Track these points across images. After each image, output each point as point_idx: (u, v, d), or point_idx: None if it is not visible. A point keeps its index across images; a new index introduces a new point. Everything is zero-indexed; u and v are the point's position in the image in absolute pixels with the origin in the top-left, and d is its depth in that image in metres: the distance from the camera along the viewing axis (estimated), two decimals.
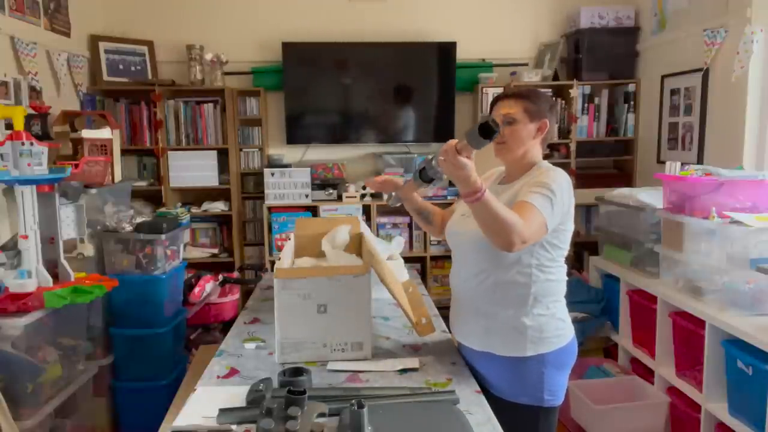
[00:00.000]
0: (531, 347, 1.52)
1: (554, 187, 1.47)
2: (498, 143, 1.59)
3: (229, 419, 1.29)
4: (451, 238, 1.69)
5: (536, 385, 1.53)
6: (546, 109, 1.60)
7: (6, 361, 2.00)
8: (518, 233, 1.35)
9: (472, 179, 1.32)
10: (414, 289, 1.96)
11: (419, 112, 3.85)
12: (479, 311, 1.58)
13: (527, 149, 1.60)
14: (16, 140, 2.08)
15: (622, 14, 3.75)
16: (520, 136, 1.57)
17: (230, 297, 3.28)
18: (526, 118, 1.57)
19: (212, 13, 3.86)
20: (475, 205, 1.35)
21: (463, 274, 1.62)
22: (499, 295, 1.54)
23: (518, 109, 1.56)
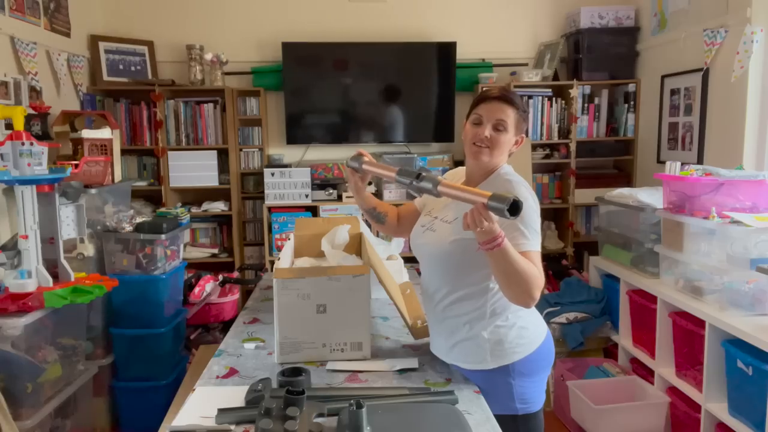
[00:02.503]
0: (492, 360, 1.50)
1: (532, 217, 1.44)
2: (479, 144, 1.51)
3: (227, 419, 1.29)
4: (415, 249, 1.66)
5: (506, 395, 1.50)
6: (526, 124, 1.57)
7: (6, 361, 2.00)
8: (536, 289, 1.33)
9: (494, 228, 1.27)
10: (411, 290, 1.96)
11: (419, 112, 3.85)
12: (442, 324, 1.58)
13: (503, 157, 1.56)
14: (16, 140, 2.08)
15: (622, 14, 3.75)
16: (503, 145, 1.51)
17: (230, 297, 3.28)
18: (514, 129, 1.52)
19: (212, 13, 3.86)
20: (494, 253, 1.29)
21: (428, 286, 1.62)
22: (457, 309, 1.52)
23: (511, 117, 1.51)
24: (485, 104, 1.52)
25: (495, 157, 1.52)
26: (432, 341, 1.67)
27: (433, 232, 1.57)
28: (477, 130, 1.51)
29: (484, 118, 1.51)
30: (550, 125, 3.80)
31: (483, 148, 1.50)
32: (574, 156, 3.76)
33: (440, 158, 3.78)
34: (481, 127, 1.51)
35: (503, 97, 1.51)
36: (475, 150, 1.52)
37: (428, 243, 1.57)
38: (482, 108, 1.53)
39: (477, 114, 1.53)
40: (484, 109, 1.52)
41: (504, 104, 1.51)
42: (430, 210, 1.66)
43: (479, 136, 1.50)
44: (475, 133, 1.51)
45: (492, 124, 1.50)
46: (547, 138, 3.81)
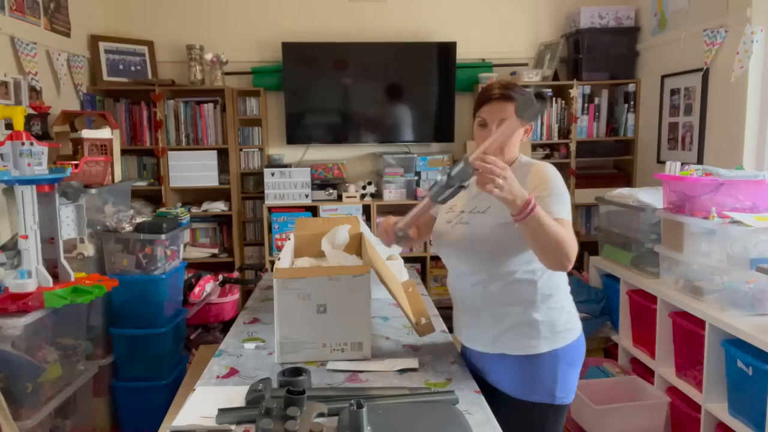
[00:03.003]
0: (544, 343, 1.52)
1: (560, 189, 1.49)
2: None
3: (228, 419, 1.29)
4: (443, 247, 1.65)
5: (550, 382, 1.53)
6: None
7: (6, 361, 2.00)
8: (573, 252, 1.37)
9: (519, 189, 1.31)
10: (414, 289, 1.96)
11: (419, 112, 3.85)
12: (488, 314, 1.56)
13: (516, 149, 1.61)
14: (16, 140, 2.08)
15: (622, 14, 3.75)
16: (512, 140, 1.55)
17: (230, 297, 3.28)
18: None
19: (212, 13, 3.86)
20: (530, 220, 1.32)
21: (464, 280, 1.60)
22: (506, 295, 1.53)
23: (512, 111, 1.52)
24: (487, 106, 1.55)
25: (507, 154, 1.56)
26: (467, 334, 1.65)
27: (468, 225, 1.56)
28: (484, 133, 1.54)
29: (488, 120, 1.54)
30: (550, 125, 3.81)
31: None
32: (574, 156, 3.76)
33: (440, 158, 3.78)
34: (487, 129, 1.54)
35: (502, 96, 1.53)
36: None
37: (465, 236, 1.56)
38: (485, 110, 1.56)
39: (481, 117, 1.56)
40: (486, 111, 1.55)
41: (504, 102, 1.52)
42: (451, 206, 1.65)
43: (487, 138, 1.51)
44: (483, 135, 1.54)
45: (497, 125, 1.52)
46: (547, 138, 3.81)
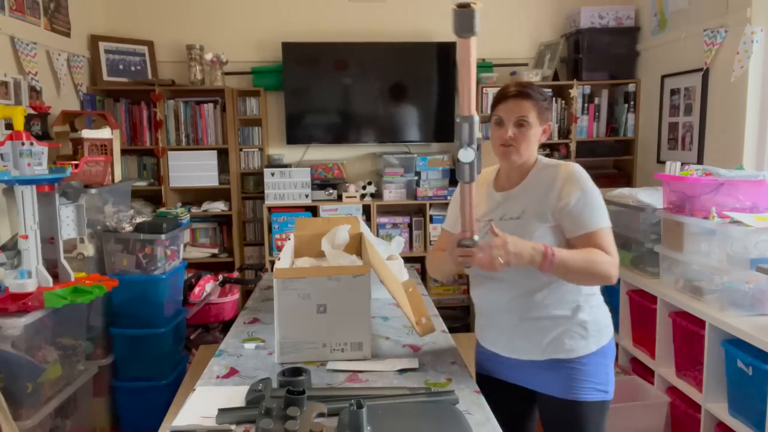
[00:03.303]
0: (593, 342, 1.53)
1: (593, 194, 1.48)
2: (506, 145, 1.53)
3: (228, 419, 1.29)
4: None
5: (603, 378, 1.54)
6: (549, 111, 1.58)
7: (6, 361, 2.00)
8: (610, 268, 1.41)
9: (527, 249, 1.35)
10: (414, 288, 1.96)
11: (419, 112, 3.85)
12: (534, 323, 1.53)
13: (534, 150, 1.58)
14: (16, 140, 2.08)
15: (622, 14, 3.75)
16: (530, 140, 1.53)
17: (230, 297, 3.28)
18: (537, 121, 1.53)
19: (212, 13, 3.86)
20: (553, 269, 1.36)
21: (502, 293, 1.55)
22: (553, 301, 1.51)
23: (531, 111, 1.51)
24: (503, 104, 1.53)
25: (525, 154, 1.54)
26: (509, 348, 1.59)
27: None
28: (500, 132, 1.53)
29: (505, 118, 1.52)
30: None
31: (510, 148, 1.52)
32: (574, 156, 3.76)
33: (440, 158, 3.78)
34: (504, 127, 1.52)
35: (519, 93, 1.51)
36: (503, 151, 1.54)
37: None
38: (501, 109, 1.54)
39: (497, 115, 1.54)
40: (503, 109, 1.53)
41: (521, 100, 1.51)
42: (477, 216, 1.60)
43: (504, 137, 1.52)
44: (499, 134, 1.53)
45: (513, 123, 1.51)
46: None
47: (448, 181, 3.78)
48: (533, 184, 1.56)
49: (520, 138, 1.52)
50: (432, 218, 3.77)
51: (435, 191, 3.76)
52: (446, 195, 3.76)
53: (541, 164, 1.58)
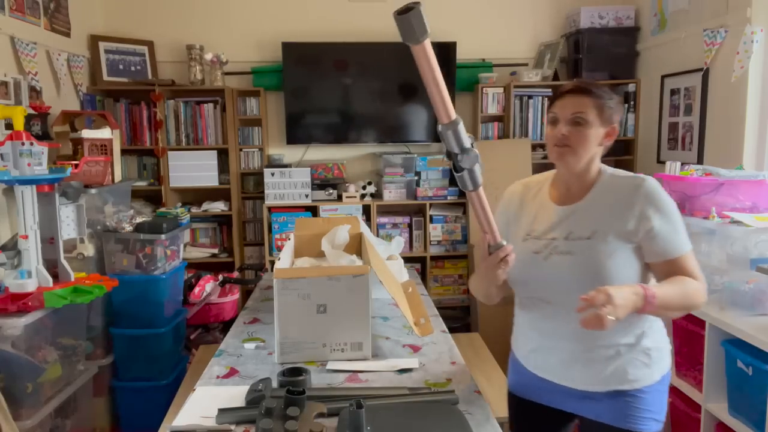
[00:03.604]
0: (656, 370, 1.40)
1: (676, 214, 1.36)
2: (560, 146, 1.37)
3: (228, 419, 1.29)
4: (533, 282, 1.43)
5: (658, 408, 1.42)
6: (615, 112, 1.40)
7: (6, 361, 2.00)
8: (702, 296, 1.31)
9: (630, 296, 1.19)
10: (413, 289, 1.96)
11: (419, 111, 3.85)
12: (599, 352, 1.38)
13: (593, 157, 1.39)
14: (16, 140, 2.08)
15: (622, 14, 3.75)
16: (587, 141, 1.35)
17: (230, 297, 3.28)
18: (597, 120, 1.36)
19: (212, 13, 3.86)
20: (652, 310, 1.23)
21: (565, 320, 1.38)
22: (619, 328, 1.32)
23: (590, 108, 1.35)
24: (559, 101, 1.40)
25: (581, 156, 1.37)
26: (567, 377, 1.43)
27: (572, 255, 1.36)
28: (554, 131, 1.39)
29: (559, 115, 1.38)
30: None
31: (564, 148, 1.36)
32: None
33: (440, 158, 3.78)
34: (558, 127, 1.38)
35: (577, 89, 1.37)
36: (557, 153, 1.38)
37: (572, 268, 1.35)
38: (556, 106, 1.40)
39: (552, 113, 1.41)
40: (558, 106, 1.39)
41: (579, 96, 1.36)
42: (528, 231, 1.46)
43: (557, 136, 1.37)
44: (553, 134, 1.39)
45: (568, 120, 1.36)
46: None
47: (448, 181, 3.78)
48: (602, 198, 1.39)
49: (575, 137, 1.35)
50: (432, 218, 3.77)
51: (435, 191, 3.75)
52: (446, 195, 3.76)
53: (608, 175, 1.42)
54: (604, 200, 1.38)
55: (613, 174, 1.42)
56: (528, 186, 1.54)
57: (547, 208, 1.45)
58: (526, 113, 3.77)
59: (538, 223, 1.44)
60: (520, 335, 1.56)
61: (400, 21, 0.94)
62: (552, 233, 1.41)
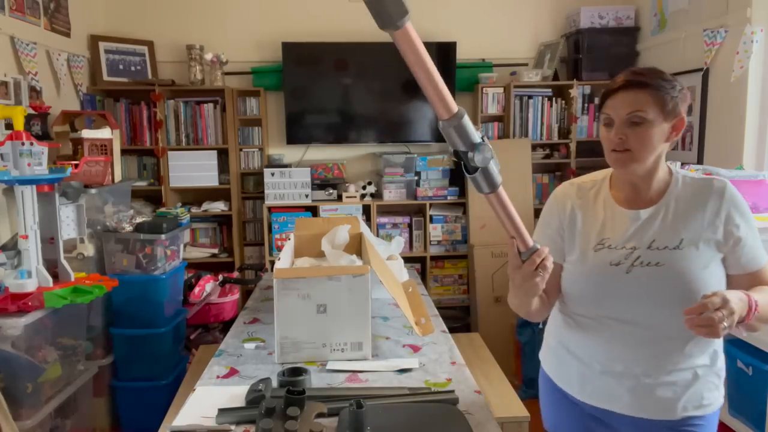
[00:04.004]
0: (720, 393, 1.29)
1: (754, 220, 1.24)
2: (619, 150, 1.22)
3: (228, 419, 1.29)
4: (606, 301, 1.27)
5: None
6: (681, 101, 1.21)
7: (6, 361, 2.00)
8: None
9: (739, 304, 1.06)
10: (414, 289, 1.96)
11: (419, 111, 3.85)
12: (673, 376, 1.24)
13: (659, 156, 1.24)
14: (16, 140, 2.08)
15: (622, 14, 3.75)
16: (651, 141, 1.19)
17: (230, 297, 3.28)
18: (660, 116, 1.18)
19: (212, 13, 3.86)
20: (752, 319, 1.10)
21: (636, 341, 1.24)
22: (696, 347, 1.24)
23: (649, 104, 1.18)
24: (611, 100, 1.23)
25: (645, 160, 1.21)
26: (638, 407, 1.26)
27: (662, 267, 1.21)
28: (610, 135, 1.23)
29: (613, 116, 1.22)
30: (550, 125, 3.80)
31: (623, 154, 1.21)
32: (574, 156, 3.76)
33: (440, 158, 3.78)
34: (613, 128, 1.23)
35: (630, 83, 1.20)
36: (615, 159, 1.24)
37: (660, 282, 1.21)
38: (608, 106, 1.24)
39: (605, 114, 1.25)
40: (611, 106, 1.23)
41: (634, 91, 1.19)
42: (600, 240, 1.29)
43: (613, 140, 1.22)
44: (608, 138, 1.24)
45: (624, 121, 1.20)
46: (547, 138, 3.81)
47: (448, 181, 3.78)
48: (682, 202, 1.25)
49: (635, 140, 1.19)
50: (432, 218, 3.77)
51: (435, 191, 3.75)
52: (446, 195, 3.76)
53: (681, 177, 1.28)
54: (685, 204, 1.24)
55: (685, 175, 1.28)
56: (582, 187, 1.38)
57: (617, 213, 1.29)
58: (526, 113, 3.77)
59: (610, 229, 1.28)
60: (569, 362, 1.35)
61: (370, 3, 0.76)
62: (631, 242, 1.25)
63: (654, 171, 1.26)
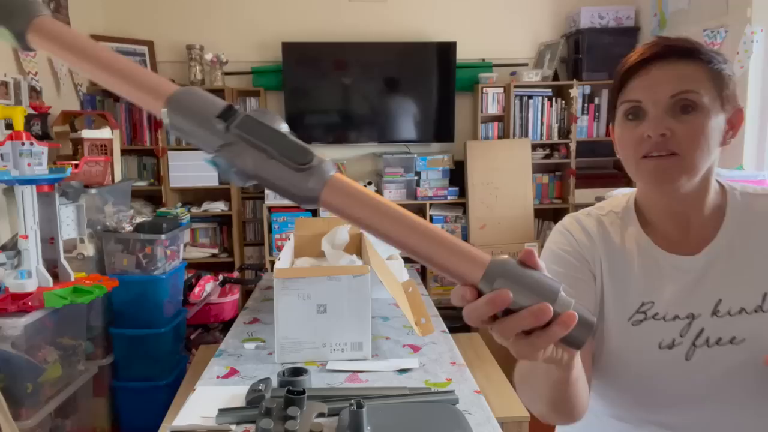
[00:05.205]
0: None
1: None
2: (660, 156, 0.78)
3: (228, 419, 1.29)
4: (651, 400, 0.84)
5: None
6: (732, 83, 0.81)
7: (6, 361, 2.00)
8: None
9: None
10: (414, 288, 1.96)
11: (419, 112, 3.85)
12: None
13: (712, 166, 0.82)
14: (16, 140, 2.08)
15: (622, 14, 3.75)
16: (707, 137, 0.77)
17: (230, 297, 3.28)
18: (716, 101, 0.78)
19: (212, 13, 3.86)
20: None
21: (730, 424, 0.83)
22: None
23: (703, 81, 0.78)
24: (638, 79, 0.80)
25: (698, 169, 0.79)
26: None
27: (733, 345, 0.80)
28: (639, 130, 0.80)
29: (646, 100, 0.79)
30: (550, 125, 3.80)
31: (667, 160, 0.78)
32: (574, 156, 3.76)
33: (440, 158, 3.78)
34: (645, 120, 0.79)
35: (672, 50, 0.79)
36: (653, 169, 0.79)
37: (733, 372, 0.80)
38: (635, 87, 0.80)
39: (629, 101, 0.81)
40: (639, 86, 0.80)
41: (679, 63, 0.78)
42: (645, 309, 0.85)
43: (649, 141, 0.78)
44: (638, 136, 0.79)
45: (666, 108, 0.78)
46: (547, 138, 3.81)
47: (448, 181, 3.78)
48: (749, 234, 0.84)
49: (686, 137, 0.77)
50: (432, 218, 3.77)
51: (435, 191, 3.75)
52: (446, 195, 3.76)
53: (740, 194, 0.86)
54: (759, 238, 0.83)
55: (743, 191, 0.87)
56: (602, 221, 0.92)
57: (659, 261, 0.86)
58: (526, 113, 3.77)
59: (653, 289, 0.85)
60: None
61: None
62: (688, 306, 0.83)
63: (706, 189, 0.83)
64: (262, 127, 0.51)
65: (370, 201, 0.52)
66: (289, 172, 0.50)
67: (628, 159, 0.83)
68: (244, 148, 0.50)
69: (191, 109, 0.52)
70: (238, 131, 0.50)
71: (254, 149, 0.50)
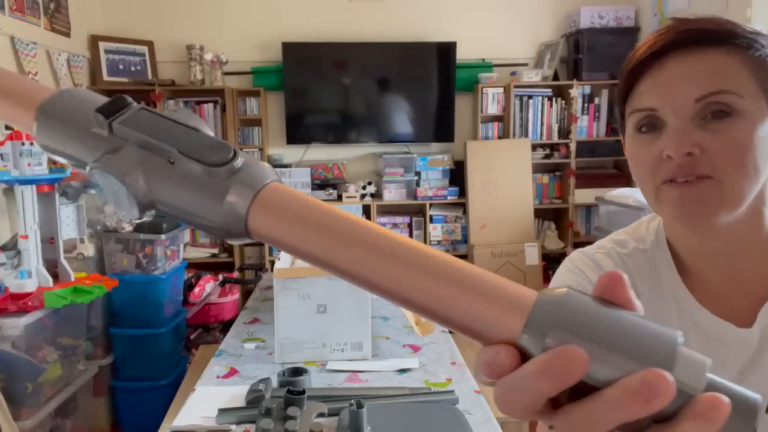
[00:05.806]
0: None
1: None
2: (692, 181, 0.58)
3: (228, 419, 1.29)
4: None
5: None
6: None
7: (6, 361, 2.01)
8: None
9: None
10: None
11: (419, 112, 3.85)
12: None
13: (764, 189, 0.61)
14: (16, 140, 2.09)
15: (622, 14, 3.75)
16: (753, 152, 0.57)
17: (230, 297, 3.28)
18: (761, 100, 0.58)
19: (212, 13, 3.86)
20: None
21: None
22: None
23: (742, 76, 0.58)
24: (652, 77, 0.61)
25: (744, 197, 0.59)
26: None
27: None
28: (657, 146, 0.61)
29: (663, 107, 0.60)
30: (550, 125, 3.80)
31: (698, 186, 0.58)
32: (574, 156, 3.76)
33: (440, 158, 3.78)
34: (665, 133, 0.60)
35: (697, 33, 0.60)
36: (674, 200, 0.60)
37: None
38: (648, 87, 0.62)
39: (641, 110, 0.62)
40: (654, 86, 0.61)
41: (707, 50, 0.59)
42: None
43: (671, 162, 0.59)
44: (656, 154, 0.61)
45: (692, 116, 0.59)
46: (547, 138, 3.81)
47: (448, 181, 3.78)
48: None
49: (722, 152, 0.58)
50: (432, 218, 3.77)
51: (435, 191, 3.75)
52: (446, 195, 3.76)
53: None
54: None
55: None
56: (626, 264, 0.70)
57: (703, 326, 0.65)
58: (526, 113, 3.77)
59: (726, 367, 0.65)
60: None
61: None
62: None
63: (758, 224, 0.62)
64: (160, 120, 0.34)
65: (334, 224, 0.33)
66: (198, 180, 0.32)
67: (645, 184, 0.62)
68: (135, 152, 0.33)
69: (65, 114, 0.38)
70: (126, 129, 0.34)
71: (149, 153, 0.33)
